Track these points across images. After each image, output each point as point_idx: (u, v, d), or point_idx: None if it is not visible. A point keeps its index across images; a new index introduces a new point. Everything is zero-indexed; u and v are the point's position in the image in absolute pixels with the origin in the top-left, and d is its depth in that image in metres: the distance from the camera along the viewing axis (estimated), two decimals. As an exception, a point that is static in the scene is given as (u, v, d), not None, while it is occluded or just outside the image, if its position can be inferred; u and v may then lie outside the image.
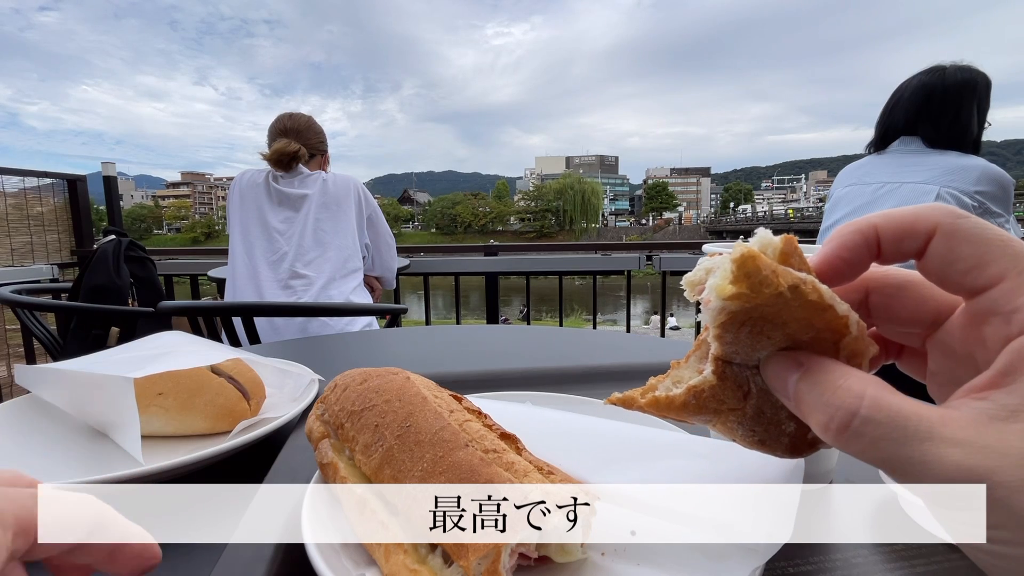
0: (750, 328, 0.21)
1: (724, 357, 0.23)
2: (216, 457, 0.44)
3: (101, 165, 3.45)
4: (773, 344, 0.22)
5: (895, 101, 1.47)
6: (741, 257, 0.20)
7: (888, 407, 0.18)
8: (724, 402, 0.24)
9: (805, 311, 0.20)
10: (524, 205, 79.49)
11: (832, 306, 0.20)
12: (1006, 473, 0.16)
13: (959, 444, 0.17)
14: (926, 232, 0.21)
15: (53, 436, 0.50)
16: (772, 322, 0.21)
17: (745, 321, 0.21)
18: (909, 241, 0.22)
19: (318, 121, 1.76)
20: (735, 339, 0.22)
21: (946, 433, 0.17)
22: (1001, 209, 1.37)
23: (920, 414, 0.18)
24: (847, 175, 1.58)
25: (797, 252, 0.22)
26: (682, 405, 0.24)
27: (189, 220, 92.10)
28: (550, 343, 0.91)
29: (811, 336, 0.21)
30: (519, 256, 3.18)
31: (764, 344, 0.22)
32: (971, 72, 1.40)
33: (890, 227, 0.22)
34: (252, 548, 0.30)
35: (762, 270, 0.20)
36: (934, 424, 0.18)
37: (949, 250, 0.21)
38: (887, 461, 0.18)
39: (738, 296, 0.20)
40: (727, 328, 0.22)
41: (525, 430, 0.36)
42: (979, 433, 0.17)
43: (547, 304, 15.81)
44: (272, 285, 1.53)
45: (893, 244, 0.22)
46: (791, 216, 55.36)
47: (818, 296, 0.20)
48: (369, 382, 0.37)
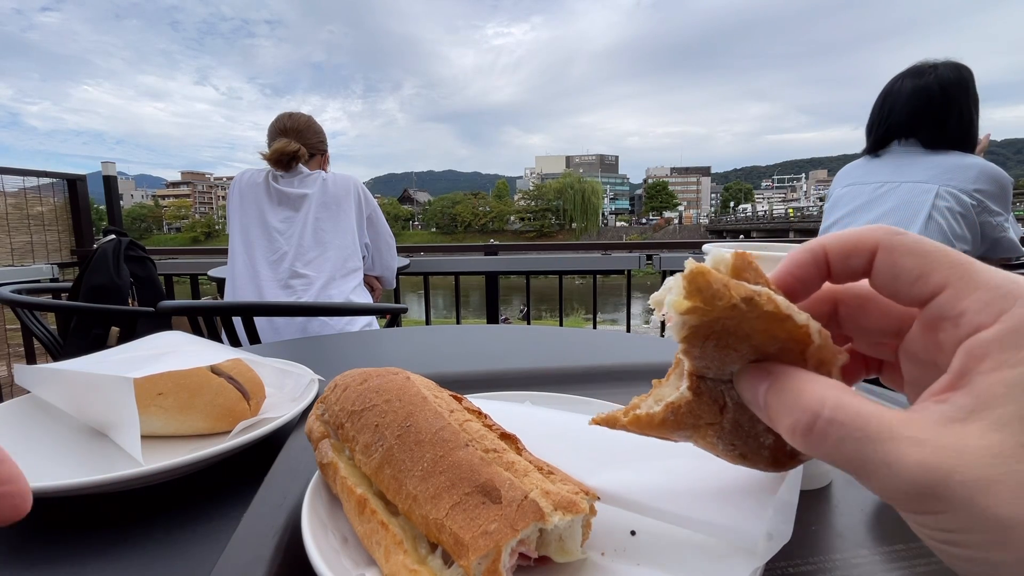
0: (715, 342, 0.22)
1: (697, 372, 0.24)
2: (216, 457, 0.44)
3: (101, 165, 3.45)
4: (741, 357, 0.23)
5: (890, 105, 1.46)
6: (691, 273, 0.21)
7: (850, 408, 0.19)
8: (702, 417, 0.24)
9: (765, 322, 0.21)
10: (524, 205, 79.48)
11: (790, 316, 0.21)
12: (966, 472, 0.16)
13: (919, 444, 0.17)
14: (869, 249, 0.22)
15: (53, 436, 0.50)
16: (735, 334, 0.22)
17: (709, 335, 0.22)
18: (855, 259, 0.23)
19: (318, 121, 1.76)
20: (703, 353, 0.23)
21: (906, 433, 0.18)
22: (1000, 208, 1.37)
23: (881, 415, 0.18)
24: (846, 175, 1.58)
25: (752, 267, 0.23)
26: (661, 422, 0.25)
27: (189, 220, 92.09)
28: (550, 343, 0.91)
29: (777, 347, 0.22)
30: (519, 256, 3.18)
31: (733, 357, 0.23)
32: (959, 69, 1.40)
33: (836, 247, 0.23)
34: (252, 548, 0.30)
35: (713, 284, 0.21)
36: (895, 425, 0.18)
37: (892, 264, 0.22)
38: (851, 462, 0.18)
39: (693, 310, 0.21)
40: (692, 343, 0.23)
41: (525, 430, 0.36)
42: (938, 434, 0.18)
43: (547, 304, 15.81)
44: (272, 285, 1.53)
45: (840, 262, 0.23)
46: (791, 215, 55.35)
47: (774, 307, 0.21)
48: (369, 382, 0.37)
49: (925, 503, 0.17)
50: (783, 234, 44.33)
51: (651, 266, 2.82)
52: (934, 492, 0.17)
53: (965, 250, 1.38)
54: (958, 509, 0.16)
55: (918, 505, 0.17)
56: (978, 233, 1.38)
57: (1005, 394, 0.18)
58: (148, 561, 0.35)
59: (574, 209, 72.73)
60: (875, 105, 1.52)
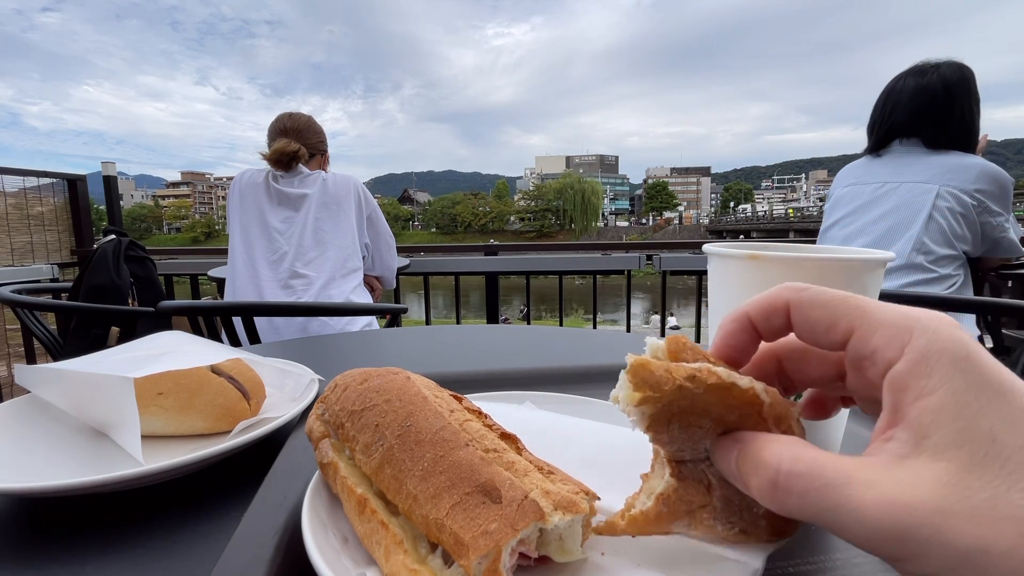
0: (678, 423, 0.24)
1: (675, 457, 0.25)
2: (216, 457, 0.43)
3: (101, 165, 3.45)
4: (707, 432, 0.24)
5: (893, 103, 1.46)
6: (633, 368, 0.23)
7: (805, 460, 0.20)
8: (692, 501, 0.25)
9: (714, 395, 0.23)
10: (524, 205, 79.47)
11: (734, 383, 0.23)
12: (922, 508, 0.17)
13: (874, 485, 0.18)
14: (783, 309, 0.24)
15: (53, 436, 0.50)
16: (693, 412, 0.23)
17: (669, 419, 0.23)
18: (775, 319, 0.25)
19: (318, 121, 1.76)
20: (671, 437, 0.24)
21: (862, 476, 0.18)
22: (1001, 208, 1.37)
23: (837, 463, 0.19)
24: (846, 175, 1.58)
25: (687, 347, 0.25)
26: (657, 517, 0.25)
27: (189, 220, 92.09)
28: (550, 343, 0.91)
29: (736, 415, 0.23)
30: (519, 256, 3.18)
31: (699, 434, 0.24)
32: (962, 69, 1.40)
33: (756, 312, 0.25)
34: (252, 548, 0.30)
35: (655, 372, 0.22)
36: (850, 470, 0.19)
37: (805, 319, 0.24)
38: (820, 513, 0.19)
39: (645, 400, 0.23)
40: (657, 430, 0.24)
41: (525, 432, 0.36)
42: (890, 473, 0.18)
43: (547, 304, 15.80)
44: (272, 285, 1.52)
45: (764, 325, 0.25)
46: (791, 216, 55.33)
47: (717, 378, 0.22)
48: (369, 382, 0.37)
49: (898, 546, 0.18)
50: (783, 234, 44.31)
51: (651, 266, 2.82)
52: (901, 533, 0.17)
53: (965, 250, 1.38)
54: (928, 546, 0.17)
55: (893, 549, 0.18)
56: (978, 233, 1.38)
57: (932, 421, 0.19)
58: (148, 561, 0.35)
59: (574, 209, 72.73)
60: (877, 104, 1.51)
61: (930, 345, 0.20)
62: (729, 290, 0.40)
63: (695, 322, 3.18)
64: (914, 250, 1.35)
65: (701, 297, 2.89)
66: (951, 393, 0.19)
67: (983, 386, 0.19)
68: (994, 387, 0.19)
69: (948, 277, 1.35)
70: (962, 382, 0.19)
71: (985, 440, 0.18)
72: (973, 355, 0.19)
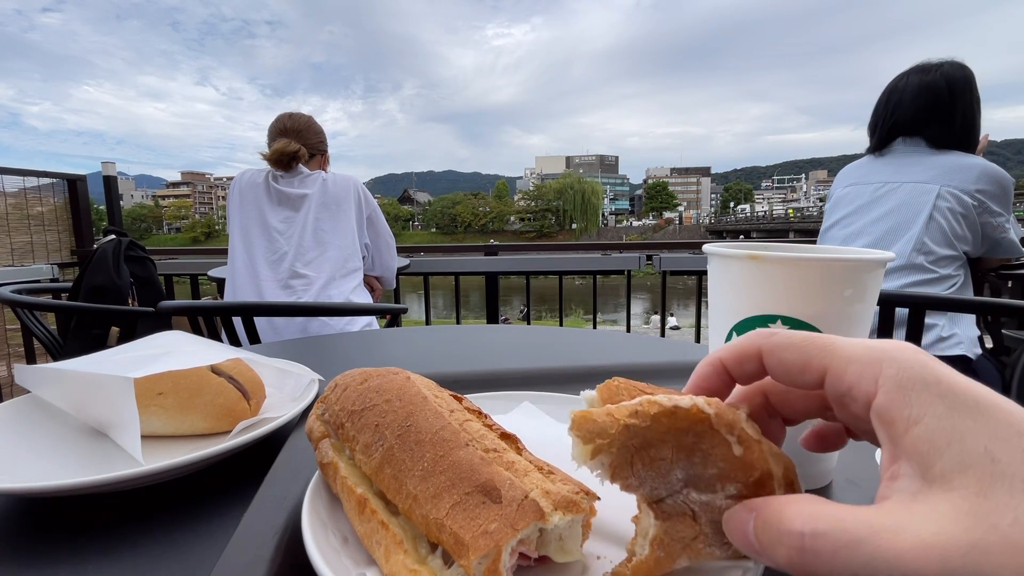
0: (640, 462, 0.24)
1: (652, 499, 0.25)
2: (216, 457, 0.43)
3: (101, 165, 3.45)
4: (672, 463, 0.24)
5: (896, 101, 1.46)
6: (575, 424, 0.23)
7: (826, 517, 0.19)
8: (684, 536, 0.25)
9: (662, 423, 0.23)
10: (524, 205, 79.47)
11: (675, 405, 0.23)
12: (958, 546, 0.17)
13: (901, 529, 0.18)
14: (755, 355, 0.25)
15: (53, 436, 0.50)
16: (650, 446, 0.24)
17: (630, 461, 0.24)
18: (747, 365, 0.25)
19: (318, 121, 1.76)
20: (640, 479, 0.24)
21: (886, 523, 0.18)
22: (1001, 208, 1.37)
23: (856, 515, 0.19)
24: (847, 175, 1.58)
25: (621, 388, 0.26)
26: (656, 562, 0.25)
27: (189, 220, 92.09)
28: (550, 343, 0.91)
29: (692, 439, 0.23)
30: (519, 256, 3.18)
31: (666, 466, 0.24)
32: (963, 68, 1.40)
33: (729, 358, 0.26)
34: (252, 548, 0.30)
35: (596, 420, 0.23)
36: (872, 519, 0.18)
37: (779, 363, 0.24)
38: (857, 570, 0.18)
39: (597, 450, 0.23)
40: (622, 475, 0.24)
41: (525, 432, 0.36)
42: (912, 514, 0.18)
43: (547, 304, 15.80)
44: (272, 285, 1.52)
45: (737, 370, 0.26)
46: (791, 216, 55.33)
47: (658, 407, 0.23)
48: (369, 382, 0.37)
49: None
50: (783, 234, 44.32)
51: (651, 266, 2.82)
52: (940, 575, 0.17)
53: (966, 251, 1.38)
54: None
55: None
56: (979, 234, 1.38)
57: (929, 450, 0.19)
58: (148, 561, 0.35)
59: (574, 209, 72.73)
60: (879, 103, 1.51)
61: (901, 374, 0.20)
62: (729, 290, 0.40)
63: (695, 322, 3.18)
64: (914, 250, 1.35)
65: (701, 297, 2.89)
66: (936, 418, 0.19)
67: (961, 406, 0.19)
68: (971, 405, 0.19)
69: (948, 277, 1.35)
70: (942, 406, 0.19)
71: (985, 460, 0.18)
72: (944, 378, 0.20)
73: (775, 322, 0.40)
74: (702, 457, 0.24)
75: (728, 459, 0.23)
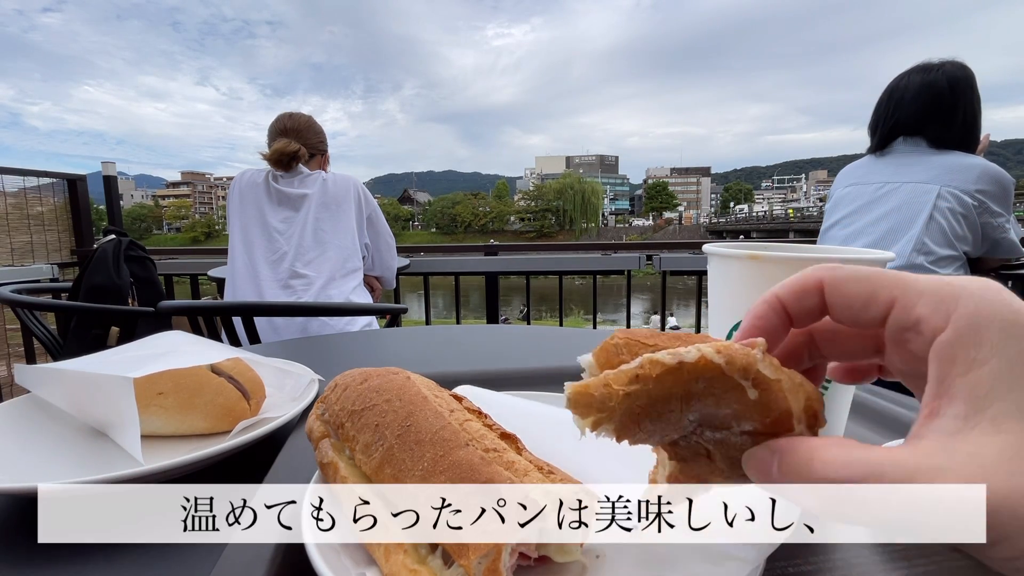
0: (646, 419, 0.22)
1: (664, 443, 0.24)
2: (216, 457, 0.43)
3: (101, 165, 3.45)
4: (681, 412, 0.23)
5: (897, 100, 1.46)
6: (571, 401, 0.22)
7: (860, 464, 0.18)
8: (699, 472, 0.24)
9: (668, 380, 0.21)
10: (524, 205, 79.45)
11: (681, 361, 0.21)
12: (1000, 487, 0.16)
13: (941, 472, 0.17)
14: (816, 288, 0.23)
15: (53, 436, 0.50)
16: (656, 404, 0.22)
17: (636, 421, 0.22)
18: (807, 300, 0.24)
19: (318, 121, 1.76)
20: (648, 432, 0.23)
21: (925, 464, 0.17)
22: (1001, 208, 1.37)
23: (895, 458, 0.18)
24: (847, 175, 1.58)
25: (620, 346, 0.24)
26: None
27: (189, 220, 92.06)
28: (550, 343, 0.91)
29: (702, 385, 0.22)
30: (519, 256, 3.18)
31: (674, 417, 0.23)
32: (964, 68, 1.40)
33: (788, 293, 0.24)
34: (252, 548, 0.30)
35: (594, 394, 0.21)
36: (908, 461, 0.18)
37: (841, 296, 0.23)
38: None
39: (597, 423, 0.22)
40: (628, 436, 0.23)
41: (525, 429, 0.36)
42: (952, 454, 0.17)
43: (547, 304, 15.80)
44: (272, 285, 1.52)
45: (796, 306, 0.24)
46: (791, 216, 55.33)
47: (662, 367, 0.21)
48: (369, 382, 0.37)
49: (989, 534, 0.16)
50: (783, 234, 44.31)
51: (651, 266, 2.82)
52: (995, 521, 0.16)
53: (966, 251, 1.38)
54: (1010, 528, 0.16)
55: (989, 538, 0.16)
56: (979, 234, 1.38)
57: (987, 394, 0.18)
58: (148, 561, 0.35)
59: (574, 209, 72.70)
60: (879, 102, 1.51)
61: (978, 312, 0.19)
62: (729, 290, 0.40)
63: (695, 322, 3.18)
64: (915, 250, 1.35)
65: (701, 297, 2.89)
66: (1006, 363, 0.18)
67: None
68: None
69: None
70: (1016, 350, 0.18)
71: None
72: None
73: (775, 322, 0.40)
74: (715, 401, 0.22)
75: (743, 401, 0.22)
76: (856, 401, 0.54)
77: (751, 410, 0.22)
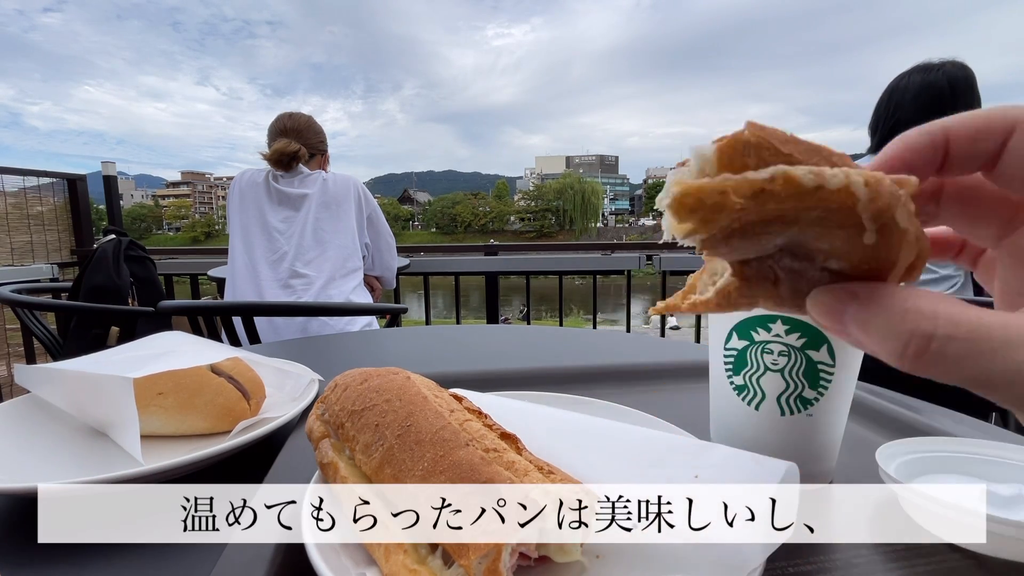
0: (739, 237, 0.19)
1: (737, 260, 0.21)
2: (216, 457, 0.43)
3: (101, 165, 3.45)
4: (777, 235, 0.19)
5: (898, 99, 1.46)
6: (673, 201, 0.17)
7: (967, 322, 0.16)
8: (755, 296, 0.21)
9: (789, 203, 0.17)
10: (524, 205, 79.46)
11: (821, 185, 0.17)
12: None
13: None
14: (1002, 130, 0.19)
15: (53, 436, 0.50)
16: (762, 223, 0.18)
17: (727, 236, 0.18)
18: (983, 143, 0.19)
19: (318, 121, 1.76)
20: (732, 251, 0.20)
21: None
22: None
23: (1005, 322, 0.16)
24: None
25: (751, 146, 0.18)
26: (717, 306, 0.22)
27: (189, 220, 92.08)
28: (550, 343, 0.91)
29: (817, 214, 0.18)
30: (519, 256, 3.18)
31: (768, 239, 0.19)
32: (964, 68, 1.40)
33: (961, 129, 0.19)
34: (252, 548, 0.30)
35: (706, 201, 0.17)
36: (1014, 330, 0.16)
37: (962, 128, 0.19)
38: (975, 379, 0.16)
39: (691, 232, 0.18)
40: (714, 249, 0.19)
41: (525, 428, 0.36)
42: None
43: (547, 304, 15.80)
44: (272, 285, 1.53)
45: (965, 147, 0.19)
46: (791, 216, 55.21)
47: (796, 186, 0.17)
48: (369, 382, 0.37)
49: None
50: (783, 234, 44.19)
51: (651, 266, 2.82)
52: None
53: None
54: None
55: None
56: (979, 233, 1.38)
57: None
58: (148, 561, 0.35)
59: (574, 209, 72.72)
60: (880, 102, 1.51)
61: None
62: (729, 290, 0.40)
63: (695, 322, 3.18)
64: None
65: (701, 297, 2.88)
66: None
67: None
68: None
69: (949, 277, 1.35)
70: None
71: None
72: None
73: (775, 322, 0.40)
74: (819, 232, 0.18)
75: (852, 241, 0.18)
76: (856, 401, 0.54)
77: (855, 251, 0.18)
